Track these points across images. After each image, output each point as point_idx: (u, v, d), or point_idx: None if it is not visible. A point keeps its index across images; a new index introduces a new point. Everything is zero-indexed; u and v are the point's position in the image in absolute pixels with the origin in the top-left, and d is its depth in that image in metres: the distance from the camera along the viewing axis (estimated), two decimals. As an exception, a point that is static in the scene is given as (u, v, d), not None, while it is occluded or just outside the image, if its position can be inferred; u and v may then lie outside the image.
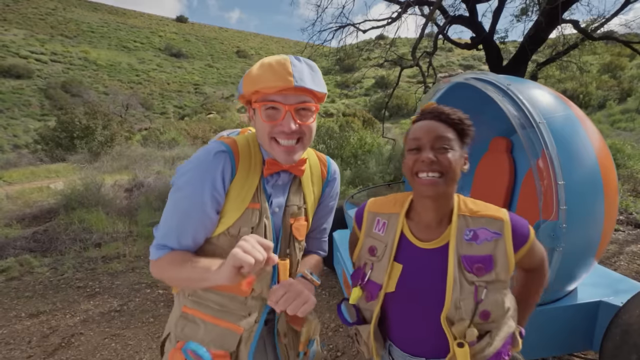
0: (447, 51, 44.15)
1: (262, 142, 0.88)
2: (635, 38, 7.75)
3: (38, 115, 32.01)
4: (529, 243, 0.83)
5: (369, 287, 0.87)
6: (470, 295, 0.77)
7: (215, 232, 0.87)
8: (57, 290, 3.44)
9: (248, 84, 0.83)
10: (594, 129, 1.83)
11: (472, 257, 0.79)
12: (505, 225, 0.81)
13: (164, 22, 77.23)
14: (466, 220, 0.83)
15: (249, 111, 0.91)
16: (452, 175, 0.80)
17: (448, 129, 0.81)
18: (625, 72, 24.60)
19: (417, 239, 0.87)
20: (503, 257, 0.79)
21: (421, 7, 8.09)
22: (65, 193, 5.85)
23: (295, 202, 0.97)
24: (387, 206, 0.94)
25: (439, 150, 0.80)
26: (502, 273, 0.78)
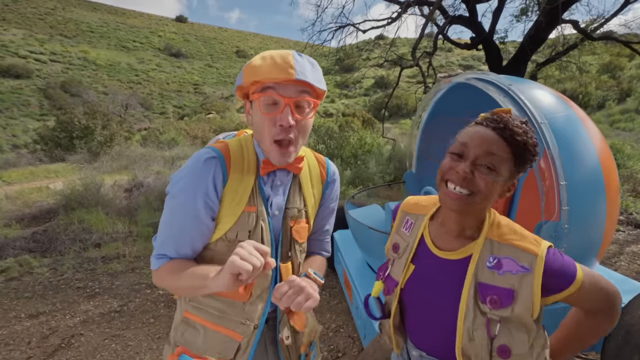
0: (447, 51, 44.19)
1: (261, 139, 0.87)
2: (634, 38, 7.76)
3: (37, 115, 31.97)
4: (570, 289, 0.71)
5: (388, 282, 0.90)
6: (483, 327, 0.70)
7: (213, 238, 0.87)
8: (57, 290, 3.43)
9: (248, 74, 0.81)
10: (595, 129, 1.83)
11: (489, 286, 0.71)
12: (538, 262, 0.70)
13: (164, 22, 77.18)
14: (492, 245, 0.75)
15: (245, 105, 0.89)
16: (484, 197, 0.72)
17: (505, 148, 0.70)
18: (624, 72, 24.65)
19: (434, 244, 0.84)
20: (527, 296, 0.69)
21: (421, 7, 8.10)
22: (65, 193, 5.84)
23: (296, 204, 0.96)
24: (418, 207, 0.93)
25: (481, 168, 0.70)
26: (522, 313, 0.69)
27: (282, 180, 0.94)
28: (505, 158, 0.70)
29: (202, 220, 0.83)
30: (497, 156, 0.70)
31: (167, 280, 0.85)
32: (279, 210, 0.93)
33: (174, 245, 0.85)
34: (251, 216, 0.87)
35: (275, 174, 0.92)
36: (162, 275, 0.86)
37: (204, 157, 0.83)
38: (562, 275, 0.70)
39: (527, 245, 0.72)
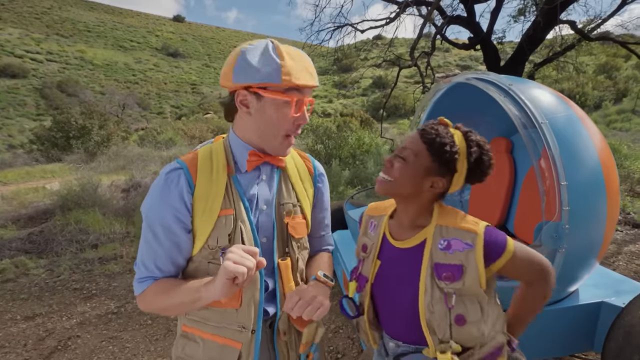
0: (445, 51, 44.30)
1: (266, 136, 0.87)
2: (630, 39, 7.80)
3: (33, 115, 31.77)
4: (504, 257, 0.83)
5: (360, 280, 0.99)
6: (441, 301, 0.82)
7: (195, 249, 0.86)
8: (53, 292, 3.40)
9: (289, 77, 0.79)
10: (595, 129, 1.82)
11: (443, 265, 0.83)
12: (478, 239, 0.83)
13: (161, 21, 76.94)
14: (441, 230, 0.87)
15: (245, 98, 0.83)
16: (399, 182, 0.87)
17: (420, 145, 0.86)
18: (620, 72, 24.80)
19: (392, 237, 0.96)
20: (473, 268, 0.81)
21: (419, 8, 8.10)
22: (62, 193, 5.80)
23: (289, 199, 0.96)
24: (380, 209, 1.05)
25: (397, 159, 0.88)
26: (472, 284, 0.81)
27: (266, 174, 0.94)
28: (419, 149, 0.86)
29: (177, 234, 0.83)
30: (409, 150, 0.87)
31: (155, 302, 0.83)
32: (267, 205, 0.92)
33: (155, 264, 0.84)
34: (228, 219, 0.85)
35: (260, 169, 0.93)
36: (148, 298, 0.84)
37: (165, 171, 0.84)
38: (495, 246, 0.83)
39: (469, 226, 0.85)
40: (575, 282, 1.77)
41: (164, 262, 0.84)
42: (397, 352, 0.94)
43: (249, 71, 0.79)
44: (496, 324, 0.86)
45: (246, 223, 0.87)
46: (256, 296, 0.87)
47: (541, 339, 1.79)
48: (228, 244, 0.83)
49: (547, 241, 1.55)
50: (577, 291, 1.90)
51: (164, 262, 0.84)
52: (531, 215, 2.39)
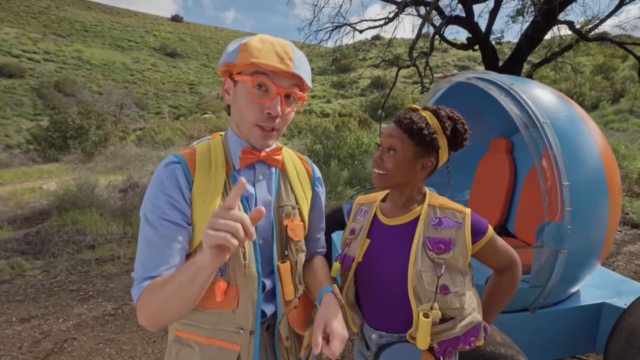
0: (443, 52, 44.37)
1: (240, 123, 0.84)
2: (628, 39, 7.82)
3: (30, 115, 31.62)
4: (486, 238, 0.94)
5: (345, 261, 1.02)
6: (431, 269, 0.88)
7: (192, 247, 0.81)
8: (50, 293, 3.36)
9: (245, 54, 0.76)
10: (597, 128, 1.81)
11: (434, 239, 0.91)
12: (467, 218, 0.93)
13: (159, 21, 76.73)
14: (434, 210, 0.96)
15: (225, 83, 0.85)
16: (395, 172, 0.94)
17: (400, 134, 0.93)
18: (617, 73, 24.90)
19: (384, 216, 1.02)
20: (462, 242, 0.90)
21: (417, 8, 8.09)
22: (58, 194, 5.75)
23: (289, 202, 0.94)
24: (371, 198, 1.12)
25: (386, 151, 0.95)
26: (459, 256, 0.89)
27: (263, 174, 0.91)
28: (402, 139, 0.93)
29: (178, 225, 0.78)
30: (394, 138, 0.93)
31: (154, 300, 0.73)
32: (266, 206, 0.89)
33: (159, 260, 0.76)
34: None
35: (254, 167, 0.89)
36: (146, 298, 0.74)
37: (164, 164, 0.82)
38: (480, 227, 0.94)
39: (459, 207, 0.96)
40: (577, 283, 1.76)
41: (164, 259, 0.77)
42: (381, 343, 0.96)
43: (223, 55, 0.83)
44: (472, 301, 0.93)
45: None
46: (254, 297, 0.84)
47: (542, 340, 1.78)
48: None
49: (549, 242, 1.54)
50: (578, 292, 1.89)
51: (164, 259, 0.76)
52: (532, 215, 2.38)
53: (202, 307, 0.82)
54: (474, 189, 2.92)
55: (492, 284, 1.05)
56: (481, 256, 0.97)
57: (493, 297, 1.04)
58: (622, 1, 7.26)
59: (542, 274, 1.61)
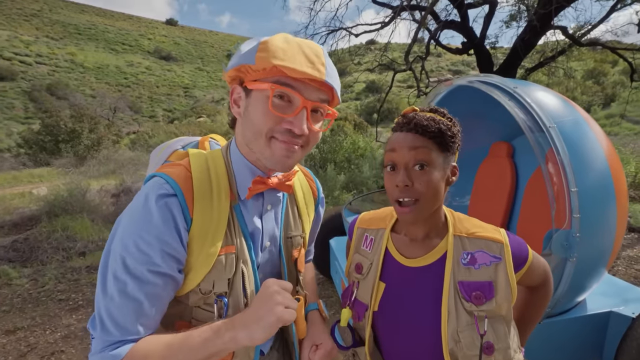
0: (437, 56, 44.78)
1: (253, 140, 0.67)
2: (618, 45, 7.93)
3: (22, 119, 31.21)
4: (527, 264, 0.77)
5: (357, 307, 0.83)
6: (470, 327, 0.69)
7: (183, 291, 0.67)
8: (37, 303, 3.24)
9: (267, 55, 0.60)
10: (601, 131, 1.78)
11: (470, 283, 0.71)
12: (505, 249, 0.73)
13: (154, 24, 76.52)
14: (462, 242, 0.75)
15: (233, 91, 0.69)
16: (433, 197, 0.72)
17: (427, 142, 0.71)
18: (608, 78, 25.30)
19: (401, 255, 0.81)
20: (504, 283, 0.71)
21: (413, 12, 8.12)
22: (49, 199, 5.62)
23: (297, 231, 0.83)
24: (376, 221, 0.90)
25: (414, 170, 0.71)
26: (503, 303, 0.70)
27: (272, 203, 0.77)
28: (429, 148, 0.71)
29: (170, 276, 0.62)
30: (420, 149, 0.70)
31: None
32: (272, 240, 0.77)
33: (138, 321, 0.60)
34: (229, 259, 0.67)
35: (263, 196, 0.74)
36: None
37: (153, 197, 0.61)
38: (521, 255, 0.76)
39: (492, 235, 0.75)
40: (584, 292, 1.71)
41: (151, 317, 0.61)
42: None
43: (234, 57, 0.66)
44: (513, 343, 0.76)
45: (248, 264, 0.70)
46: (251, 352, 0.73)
47: (550, 350, 1.73)
48: (227, 289, 0.67)
49: (558, 250, 1.49)
50: (585, 301, 1.84)
51: (150, 317, 0.61)
52: (534, 221, 2.34)
53: None
54: (474, 194, 2.88)
55: (525, 302, 0.89)
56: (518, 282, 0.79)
57: (528, 316, 0.89)
58: (612, 8, 7.37)
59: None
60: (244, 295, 0.69)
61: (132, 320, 0.59)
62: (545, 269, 0.84)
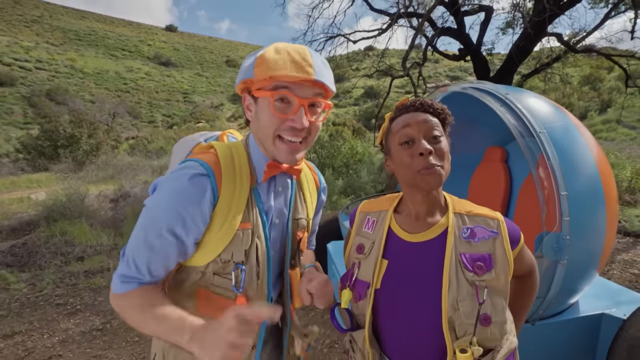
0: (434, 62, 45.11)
1: (264, 139, 0.80)
2: (613, 51, 8.04)
3: (20, 124, 31.24)
4: (519, 245, 0.83)
5: (357, 287, 0.84)
6: (470, 296, 0.73)
7: (204, 261, 0.79)
8: (35, 308, 3.24)
9: (263, 69, 0.72)
10: (592, 137, 1.82)
11: (471, 255, 0.76)
12: (502, 224, 0.80)
13: (153, 31, 76.97)
14: (462, 219, 0.81)
15: (245, 100, 0.81)
16: (448, 167, 0.80)
17: (436, 119, 0.81)
18: (604, 84, 25.53)
19: (404, 231, 0.84)
20: (502, 255, 0.76)
21: (410, 19, 8.23)
22: (47, 204, 5.63)
23: (303, 214, 0.95)
24: (378, 205, 0.94)
25: (432, 140, 0.78)
26: (501, 274, 0.75)
27: (282, 185, 0.89)
28: (437, 123, 0.80)
29: (185, 244, 0.75)
30: (434, 123, 0.80)
31: (129, 314, 0.74)
32: (279, 218, 0.89)
33: (148, 267, 0.74)
34: (246, 233, 0.79)
35: (275, 179, 0.87)
36: (124, 305, 0.74)
37: (188, 175, 0.72)
38: (514, 234, 0.82)
39: (489, 213, 0.83)
40: (576, 294, 1.74)
41: (159, 268, 0.76)
42: None
43: (239, 72, 0.80)
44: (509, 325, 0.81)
45: (262, 238, 0.82)
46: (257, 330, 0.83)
47: (543, 352, 1.75)
48: (244, 258, 0.79)
49: (548, 252, 1.52)
50: (577, 303, 1.87)
51: (158, 268, 0.76)
52: (528, 224, 2.37)
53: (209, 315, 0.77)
54: (470, 198, 2.92)
55: (515, 294, 0.91)
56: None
57: (518, 305, 0.93)
58: (607, 15, 7.49)
59: (541, 285, 1.58)
60: (257, 265, 0.81)
61: (143, 263, 0.74)
62: (532, 258, 0.92)
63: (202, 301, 0.80)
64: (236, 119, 33.61)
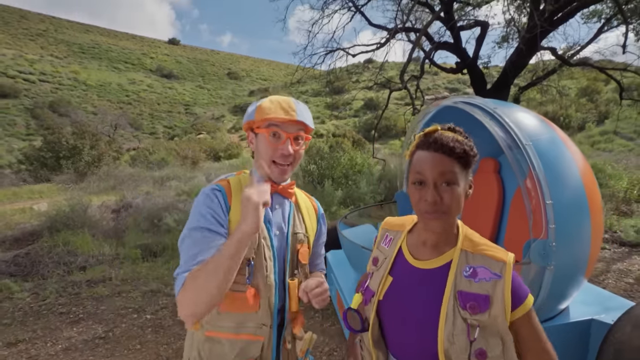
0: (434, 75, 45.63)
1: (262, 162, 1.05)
2: (608, 64, 8.21)
3: (23, 135, 31.48)
4: (524, 307, 0.78)
5: (367, 293, 0.94)
6: (464, 333, 0.75)
7: None
8: (38, 316, 3.29)
9: (260, 114, 1.01)
10: (577, 150, 1.91)
11: (468, 294, 0.78)
12: (507, 268, 0.78)
13: (156, 44, 78.19)
14: (467, 256, 0.82)
15: (249, 136, 1.09)
16: (455, 209, 0.80)
17: (453, 162, 0.79)
18: (601, 95, 25.78)
19: (411, 255, 0.90)
20: (500, 300, 0.76)
21: (408, 34, 8.44)
22: (50, 214, 5.70)
23: (301, 230, 1.15)
24: (397, 225, 1.00)
25: (443, 188, 0.79)
26: (497, 317, 0.75)
27: (279, 204, 1.12)
28: (455, 169, 0.79)
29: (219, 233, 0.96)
30: (448, 171, 0.78)
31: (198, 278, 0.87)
32: (279, 230, 1.10)
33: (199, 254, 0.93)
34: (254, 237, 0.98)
35: (272, 198, 1.09)
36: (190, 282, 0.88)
37: (209, 189, 1.02)
38: (520, 289, 0.79)
39: (497, 254, 0.81)
40: (565, 299, 1.80)
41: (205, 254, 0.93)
42: None
43: (245, 115, 1.09)
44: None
45: (267, 240, 1.05)
46: (272, 300, 1.03)
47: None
48: (254, 255, 1.00)
49: (536, 258, 1.59)
50: (568, 309, 1.93)
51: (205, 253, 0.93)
52: (520, 234, 2.44)
53: (229, 310, 1.00)
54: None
55: None
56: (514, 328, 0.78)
57: None
58: (600, 29, 7.70)
59: (531, 291, 1.65)
60: (264, 259, 1.02)
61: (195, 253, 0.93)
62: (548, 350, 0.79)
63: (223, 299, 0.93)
64: (237, 130, 33.87)
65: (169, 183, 10.44)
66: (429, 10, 7.72)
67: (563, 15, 5.94)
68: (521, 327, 0.79)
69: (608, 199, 6.26)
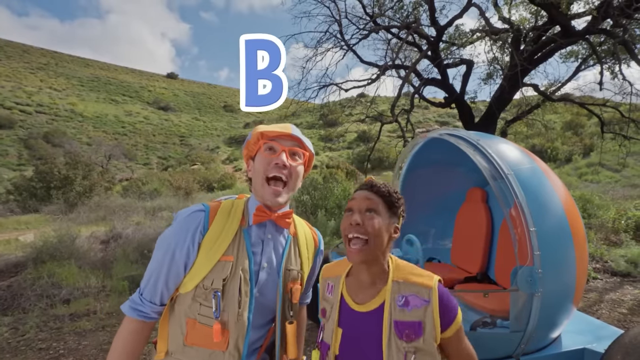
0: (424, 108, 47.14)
1: (257, 184, 1.01)
2: (590, 100, 8.63)
3: (14, 165, 31.23)
4: (455, 325, 0.88)
5: (322, 347, 0.96)
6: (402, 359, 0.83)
7: (191, 286, 0.93)
8: (16, 352, 3.13)
9: (256, 132, 1.01)
10: (558, 181, 1.99)
11: (403, 322, 0.86)
12: (433, 292, 0.87)
13: (155, 78, 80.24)
14: (399, 286, 0.90)
15: (248, 164, 1.06)
16: (378, 240, 0.90)
17: (377, 198, 0.93)
18: (585, 129, 26.78)
19: (353, 301, 0.96)
20: (431, 323, 0.85)
21: (397, 70, 8.85)
22: (37, 245, 5.56)
23: (295, 266, 1.06)
24: (335, 269, 1.07)
25: (367, 215, 0.91)
26: (430, 341, 0.84)
27: (272, 234, 1.02)
28: (377, 201, 0.92)
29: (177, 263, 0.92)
30: (372, 201, 0.92)
31: (118, 334, 0.95)
32: (269, 263, 1.00)
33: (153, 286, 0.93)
34: (227, 265, 0.93)
35: (266, 226, 1.01)
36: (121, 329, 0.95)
37: (190, 211, 0.97)
38: (449, 306, 0.88)
39: (423, 281, 0.90)
40: (556, 328, 1.80)
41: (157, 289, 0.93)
42: None
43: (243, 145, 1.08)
44: None
45: (246, 272, 0.95)
46: (240, 343, 0.92)
47: (529, 390, 1.76)
48: (221, 288, 0.91)
49: (523, 285, 1.61)
50: (560, 338, 1.92)
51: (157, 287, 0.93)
52: (509, 261, 2.46)
53: (195, 344, 0.90)
54: (455, 237, 3.02)
55: None
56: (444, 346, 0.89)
57: None
58: (577, 68, 8.19)
59: (520, 318, 1.65)
60: (239, 294, 0.92)
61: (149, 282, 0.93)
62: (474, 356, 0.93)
63: (189, 330, 0.91)
64: (231, 162, 34.06)
65: (161, 213, 10.33)
66: (417, 49, 8.17)
67: (542, 55, 6.34)
68: (451, 345, 0.89)
69: (597, 229, 6.34)
